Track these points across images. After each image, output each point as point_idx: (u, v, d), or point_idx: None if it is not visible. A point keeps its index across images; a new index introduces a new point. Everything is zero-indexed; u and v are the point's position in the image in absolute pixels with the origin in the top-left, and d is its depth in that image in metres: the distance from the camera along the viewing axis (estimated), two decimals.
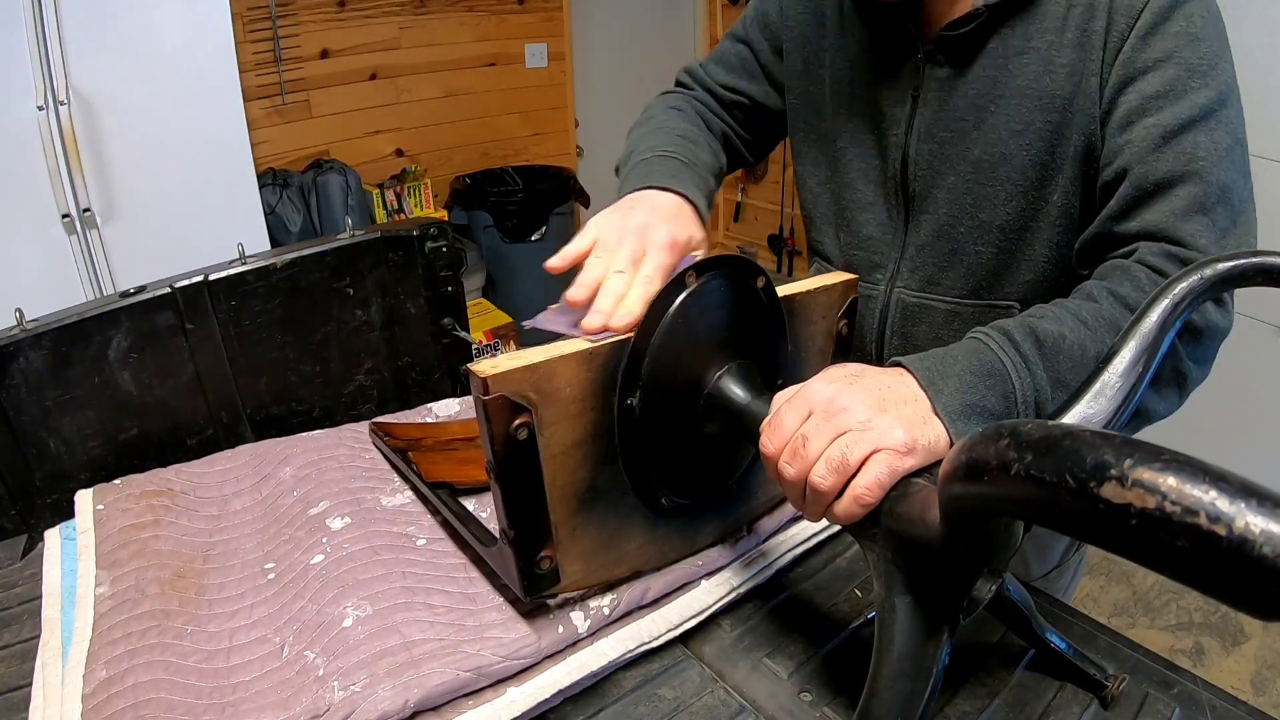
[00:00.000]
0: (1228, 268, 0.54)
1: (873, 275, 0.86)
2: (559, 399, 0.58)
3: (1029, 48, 0.68)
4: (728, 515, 0.77)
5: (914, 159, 0.77)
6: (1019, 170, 0.71)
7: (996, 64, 0.70)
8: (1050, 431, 0.33)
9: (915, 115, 0.76)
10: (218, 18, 2.13)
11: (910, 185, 0.79)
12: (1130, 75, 0.64)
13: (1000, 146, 0.71)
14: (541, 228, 3.18)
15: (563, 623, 0.67)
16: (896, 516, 0.49)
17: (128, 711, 0.60)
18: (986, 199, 0.74)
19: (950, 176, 0.75)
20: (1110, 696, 0.64)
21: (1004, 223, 0.74)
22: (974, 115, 0.72)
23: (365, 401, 1.17)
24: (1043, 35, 0.67)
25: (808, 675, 0.68)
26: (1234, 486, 0.26)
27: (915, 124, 0.76)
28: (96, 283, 2.05)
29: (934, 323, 0.83)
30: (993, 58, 0.70)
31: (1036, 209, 0.72)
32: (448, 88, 3.23)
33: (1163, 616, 2.00)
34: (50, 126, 1.89)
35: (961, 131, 0.73)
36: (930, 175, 0.77)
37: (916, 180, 0.78)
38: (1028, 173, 0.71)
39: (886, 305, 0.86)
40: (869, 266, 0.86)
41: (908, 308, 0.84)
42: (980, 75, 0.71)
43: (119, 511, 0.83)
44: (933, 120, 0.75)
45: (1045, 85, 0.68)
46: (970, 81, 0.72)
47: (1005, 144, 0.71)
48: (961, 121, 0.73)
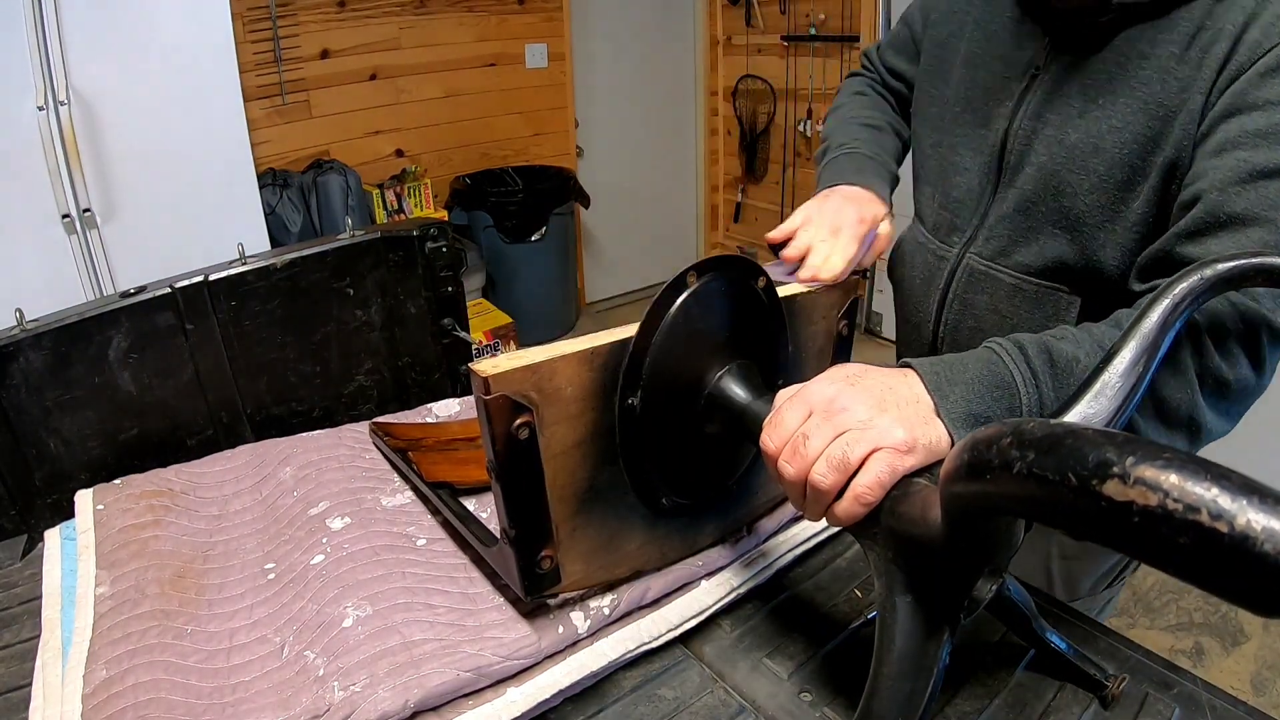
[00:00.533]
0: (1228, 268, 0.54)
1: (950, 238, 0.89)
2: (560, 399, 0.58)
3: (1152, 54, 0.69)
4: (728, 515, 0.77)
5: (1014, 132, 0.80)
6: (1108, 165, 0.72)
7: (1118, 60, 0.72)
8: (1052, 430, 0.33)
9: (1029, 92, 0.79)
10: (218, 18, 2.13)
11: (1006, 157, 0.81)
12: (1237, 107, 0.64)
13: (1097, 138, 0.72)
14: (541, 228, 3.18)
15: (563, 623, 0.67)
16: (898, 516, 0.49)
17: (128, 711, 0.60)
18: (1070, 185, 0.75)
19: (1043, 155, 0.77)
20: (1110, 696, 0.64)
21: (1082, 213, 0.75)
22: (1080, 103, 0.74)
23: (365, 401, 1.17)
24: (1167, 46, 0.68)
25: (808, 675, 0.68)
26: (1236, 484, 0.26)
27: (1026, 100, 0.79)
28: (96, 283, 2.05)
29: (996, 294, 0.84)
30: (1115, 54, 0.72)
31: (1116, 210, 0.73)
32: (448, 88, 3.23)
33: (1163, 617, 2.00)
34: (50, 126, 1.90)
35: (1066, 115, 0.75)
36: (1025, 150, 0.79)
37: (1012, 153, 0.80)
38: (1115, 171, 0.72)
39: (956, 269, 0.88)
40: (949, 229, 0.89)
41: (975, 274, 0.86)
42: (1099, 68, 0.73)
43: (119, 511, 0.83)
44: (1043, 100, 0.77)
45: (1156, 93, 0.68)
46: (1088, 71, 0.74)
47: (1103, 137, 0.72)
48: (1068, 106, 0.75)
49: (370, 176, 2.99)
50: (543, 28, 3.42)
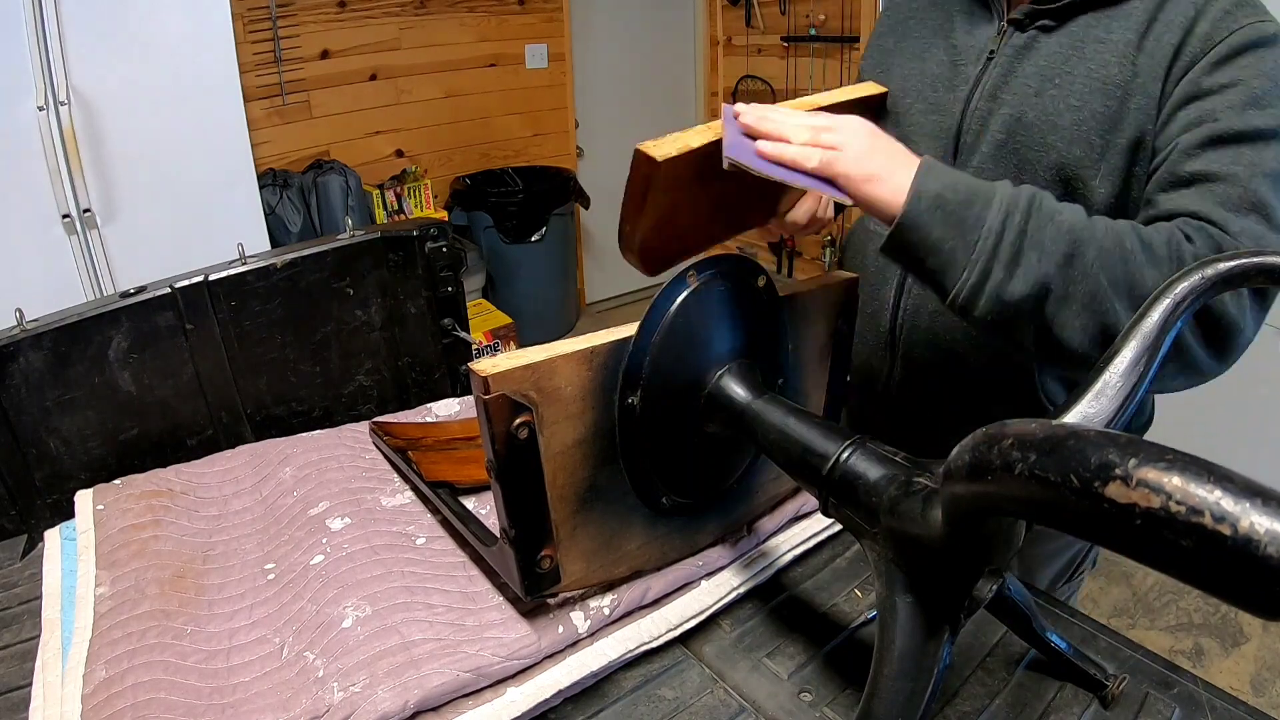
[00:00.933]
0: (1229, 267, 0.54)
1: None
2: (560, 398, 0.58)
3: (1108, 39, 0.72)
4: (728, 515, 0.77)
5: (970, 113, 0.80)
6: (1066, 142, 0.73)
7: (1074, 44, 0.74)
8: (1054, 431, 0.33)
9: (984, 75, 0.80)
10: (218, 18, 2.13)
11: (962, 137, 0.82)
12: (1193, 94, 0.68)
13: (1054, 116, 0.74)
14: (541, 228, 3.18)
15: (563, 623, 0.67)
16: (898, 515, 0.49)
17: (127, 712, 0.60)
18: (1029, 164, 0.76)
19: (1000, 134, 0.78)
20: (1110, 696, 0.64)
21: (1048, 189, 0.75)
22: (1037, 83, 0.75)
23: (365, 401, 1.17)
24: (1123, 32, 0.71)
25: (808, 675, 0.68)
26: (1239, 486, 0.26)
27: (982, 82, 0.80)
28: (96, 283, 2.05)
29: None
30: (1071, 38, 0.74)
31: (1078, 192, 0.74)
32: (448, 88, 3.23)
33: (1163, 617, 2.00)
34: (50, 126, 1.89)
35: (1022, 95, 0.76)
36: (979, 130, 0.80)
37: (968, 133, 0.81)
38: (1073, 149, 0.73)
39: None
40: None
41: None
42: (1054, 50, 0.75)
43: (119, 511, 0.83)
44: (998, 81, 0.78)
45: (1113, 74, 0.71)
46: (1043, 54, 0.75)
47: (1060, 115, 0.74)
48: (1025, 86, 0.76)
49: (370, 177, 2.99)
50: (543, 28, 3.41)
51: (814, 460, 0.57)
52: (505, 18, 3.30)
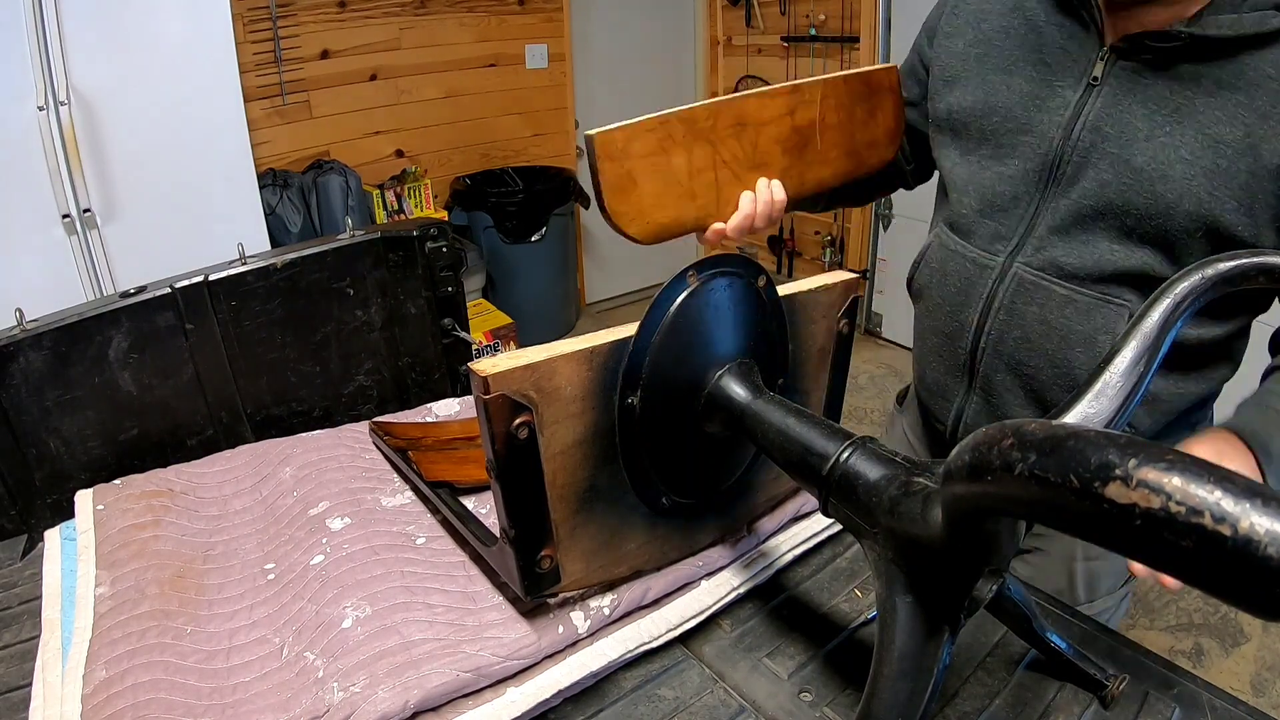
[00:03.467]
0: (1229, 267, 0.54)
1: (993, 245, 0.86)
2: (559, 398, 0.58)
3: (1219, 94, 0.69)
4: (728, 515, 0.77)
5: (1074, 143, 0.78)
6: (1176, 195, 0.72)
7: (1185, 91, 0.71)
8: (1054, 431, 0.33)
9: (1086, 103, 0.77)
10: (218, 18, 2.13)
11: (1062, 167, 0.79)
12: None
13: (1166, 167, 0.72)
14: (541, 228, 3.18)
15: (563, 623, 0.67)
16: (898, 515, 0.49)
17: (127, 712, 0.60)
18: (1137, 209, 0.74)
19: (1107, 173, 0.76)
20: (1110, 696, 0.64)
21: (1148, 234, 0.75)
22: (1146, 126, 0.73)
23: (365, 401, 1.17)
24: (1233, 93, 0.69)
25: (808, 675, 0.68)
26: (1239, 487, 0.26)
27: (1085, 110, 0.77)
28: (96, 283, 2.05)
29: (1046, 305, 0.83)
30: (1181, 83, 0.71)
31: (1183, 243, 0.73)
32: (448, 88, 3.23)
33: (1163, 617, 2.00)
34: (50, 126, 1.89)
35: (1130, 135, 0.74)
36: (1083, 163, 0.78)
37: (1069, 163, 0.79)
38: (1184, 202, 0.72)
39: (1001, 277, 0.85)
40: (992, 236, 0.86)
41: (1024, 284, 0.84)
42: (1163, 94, 0.72)
43: (119, 511, 0.83)
44: (1103, 113, 0.76)
45: (1224, 134, 0.69)
46: (1151, 94, 0.73)
47: (1172, 166, 0.72)
48: (1132, 126, 0.74)
49: (370, 177, 2.99)
50: (543, 28, 3.41)
51: (814, 460, 0.57)
52: (505, 18, 3.29)
